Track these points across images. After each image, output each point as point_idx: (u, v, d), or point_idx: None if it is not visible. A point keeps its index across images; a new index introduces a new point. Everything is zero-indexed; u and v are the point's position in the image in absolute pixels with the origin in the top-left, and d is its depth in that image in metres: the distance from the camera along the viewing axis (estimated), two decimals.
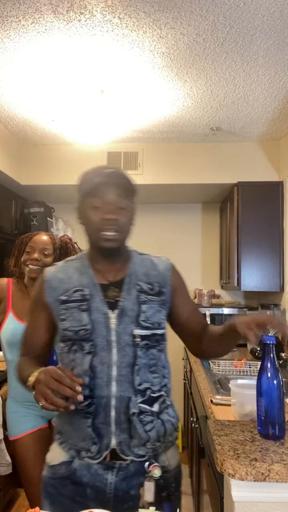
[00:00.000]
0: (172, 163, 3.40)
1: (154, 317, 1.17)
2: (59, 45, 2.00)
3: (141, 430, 1.11)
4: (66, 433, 1.16)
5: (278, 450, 1.15)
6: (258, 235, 3.25)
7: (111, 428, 1.10)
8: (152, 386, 1.15)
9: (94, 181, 1.16)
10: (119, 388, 1.11)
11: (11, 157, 3.24)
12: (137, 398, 1.12)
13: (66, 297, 1.17)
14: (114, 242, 1.15)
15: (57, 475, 1.15)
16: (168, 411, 1.19)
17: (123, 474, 1.11)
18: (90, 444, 1.11)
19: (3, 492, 2.36)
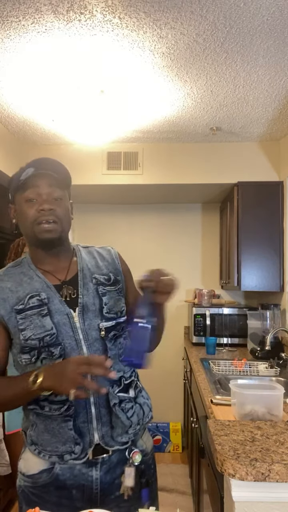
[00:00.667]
0: (172, 163, 3.40)
1: (116, 306, 1.18)
2: (59, 45, 2.00)
3: (124, 418, 1.13)
4: (43, 442, 1.12)
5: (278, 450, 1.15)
6: (258, 235, 3.25)
7: (93, 425, 1.11)
8: (124, 373, 1.17)
9: (26, 172, 1.10)
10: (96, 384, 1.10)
11: (11, 157, 3.24)
12: (114, 389, 1.14)
13: (22, 305, 1.11)
14: (54, 232, 1.11)
15: (39, 483, 1.12)
16: (142, 394, 1.23)
17: (106, 467, 1.13)
18: (73, 445, 1.09)
19: (3, 492, 2.36)
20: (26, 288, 1.13)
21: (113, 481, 1.14)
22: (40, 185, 1.10)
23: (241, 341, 3.46)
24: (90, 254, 1.27)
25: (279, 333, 2.90)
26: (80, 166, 3.42)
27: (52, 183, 1.11)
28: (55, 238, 1.12)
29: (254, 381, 2.07)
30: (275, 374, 2.41)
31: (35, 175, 1.10)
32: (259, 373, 2.44)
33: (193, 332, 3.51)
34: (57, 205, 1.11)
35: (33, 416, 1.15)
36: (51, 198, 1.11)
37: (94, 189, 3.57)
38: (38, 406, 1.12)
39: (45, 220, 1.09)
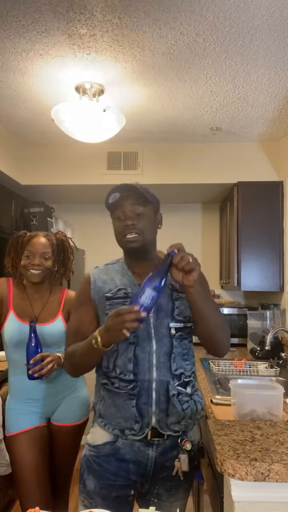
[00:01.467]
0: (172, 163, 3.40)
1: (185, 311, 1.35)
2: (59, 45, 2.00)
3: (179, 408, 1.30)
4: (110, 416, 1.33)
5: (278, 450, 1.15)
6: (258, 235, 3.25)
7: (152, 408, 1.29)
8: (185, 371, 1.34)
9: (113, 197, 1.37)
10: (159, 373, 1.30)
11: (11, 157, 3.24)
12: (174, 382, 1.31)
13: (112, 294, 1.36)
14: (136, 242, 1.33)
15: (102, 453, 1.34)
16: (198, 393, 1.40)
17: (161, 449, 1.32)
18: (133, 423, 1.29)
19: (3, 492, 2.36)
20: (117, 282, 1.38)
21: (165, 462, 1.33)
22: (124, 205, 1.35)
23: (241, 341, 3.46)
24: None
25: (279, 333, 2.90)
26: (80, 166, 3.42)
27: (134, 202, 1.34)
28: (138, 248, 1.34)
29: (254, 381, 2.07)
30: (275, 374, 2.41)
31: (120, 197, 1.36)
32: (259, 373, 2.44)
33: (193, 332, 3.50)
34: (137, 220, 1.33)
35: (103, 391, 1.36)
36: (133, 215, 1.33)
37: (94, 189, 3.57)
38: (109, 381, 1.34)
39: (128, 232, 1.33)
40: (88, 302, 1.39)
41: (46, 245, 1.83)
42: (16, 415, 1.80)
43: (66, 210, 4.12)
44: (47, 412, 1.84)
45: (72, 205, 4.16)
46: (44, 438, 1.80)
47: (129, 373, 1.30)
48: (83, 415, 1.90)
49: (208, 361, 2.64)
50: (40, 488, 1.71)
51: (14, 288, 1.88)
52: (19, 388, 1.83)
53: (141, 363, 1.30)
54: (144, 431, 1.29)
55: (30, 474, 1.71)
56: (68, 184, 3.45)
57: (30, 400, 1.82)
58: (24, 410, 1.80)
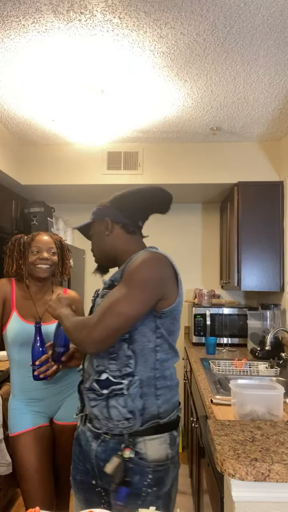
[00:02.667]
0: (172, 163, 3.40)
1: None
2: (59, 45, 2.00)
3: (87, 403, 1.33)
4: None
5: (278, 450, 1.15)
6: (258, 235, 3.25)
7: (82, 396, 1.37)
8: (108, 371, 1.27)
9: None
10: (87, 365, 1.35)
11: (11, 157, 3.24)
12: (94, 377, 1.30)
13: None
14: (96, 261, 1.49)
15: (74, 436, 1.44)
16: (119, 399, 1.25)
17: (103, 446, 1.29)
18: (79, 403, 1.39)
19: (3, 492, 2.36)
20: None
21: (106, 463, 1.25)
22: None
23: (241, 341, 3.46)
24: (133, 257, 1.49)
25: (279, 333, 2.90)
26: (80, 166, 3.42)
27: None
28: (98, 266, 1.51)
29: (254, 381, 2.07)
30: (275, 374, 2.41)
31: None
32: (259, 373, 2.44)
33: (193, 332, 3.51)
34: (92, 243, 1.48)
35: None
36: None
37: (94, 189, 3.57)
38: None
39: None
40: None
41: (51, 241, 1.89)
42: (19, 415, 1.81)
43: (66, 210, 4.12)
44: (49, 411, 1.84)
45: (72, 205, 4.16)
46: (47, 437, 1.81)
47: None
48: None
49: (208, 361, 2.64)
50: (44, 487, 1.71)
51: (17, 288, 1.88)
52: (22, 389, 1.83)
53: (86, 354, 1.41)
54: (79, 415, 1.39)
55: (34, 474, 1.71)
56: (68, 184, 3.45)
57: (33, 400, 1.82)
58: (27, 410, 1.81)
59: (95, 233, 1.45)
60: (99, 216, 1.44)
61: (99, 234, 1.43)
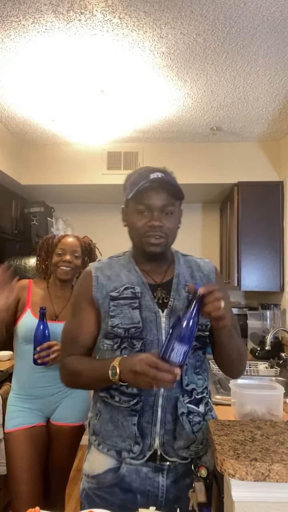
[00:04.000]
0: (172, 163, 3.37)
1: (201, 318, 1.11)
2: (59, 45, 2.00)
3: (189, 429, 1.10)
4: (105, 433, 1.14)
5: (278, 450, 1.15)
6: (258, 235, 3.25)
7: (156, 428, 1.10)
8: (197, 387, 1.15)
9: (140, 185, 1.12)
10: (167, 388, 1.09)
11: (11, 157, 3.24)
12: (184, 398, 1.11)
13: (117, 293, 1.15)
14: (160, 247, 1.15)
15: (104, 484, 1.12)
16: (212, 413, 1.20)
17: (173, 475, 1.11)
18: (133, 444, 1.09)
19: (3, 492, 2.36)
20: (124, 280, 1.18)
21: (178, 492, 1.11)
22: (153, 201, 1.12)
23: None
24: (187, 263, 1.28)
25: (279, 333, 2.90)
26: (80, 166, 3.42)
27: (164, 199, 1.13)
28: (160, 252, 1.16)
29: (254, 381, 2.07)
30: (275, 374, 2.41)
31: (150, 190, 1.12)
32: (259, 373, 2.44)
33: None
34: (166, 220, 1.14)
35: (101, 405, 1.17)
36: (162, 214, 1.13)
37: (94, 189, 3.57)
38: (109, 394, 1.14)
39: (153, 235, 1.13)
40: (90, 303, 1.18)
41: (76, 244, 1.90)
42: (15, 412, 1.82)
43: (66, 210, 4.12)
44: (47, 411, 1.84)
45: (72, 205, 4.16)
46: (41, 438, 1.80)
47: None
48: (83, 417, 1.89)
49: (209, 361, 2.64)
50: (31, 488, 1.70)
51: (35, 288, 1.92)
52: (22, 384, 1.85)
53: None
54: (145, 455, 1.09)
55: (23, 473, 1.70)
56: (68, 184, 3.45)
57: (30, 396, 1.82)
58: (23, 406, 1.81)
59: (177, 214, 1.20)
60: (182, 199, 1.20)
61: (178, 221, 1.21)
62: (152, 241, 1.13)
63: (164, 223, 1.13)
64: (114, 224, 4.57)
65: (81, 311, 1.20)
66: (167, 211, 1.14)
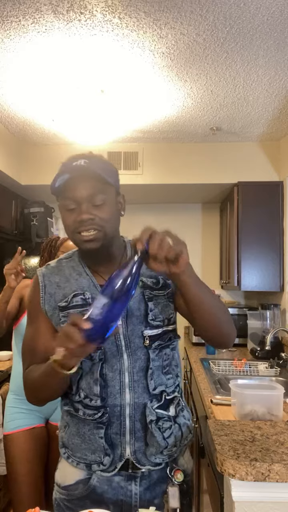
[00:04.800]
0: (172, 163, 3.40)
1: (163, 313, 1.08)
2: (59, 45, 2.00)
3: (159, 438, 1.04)
4: (73, 446, 1.08)
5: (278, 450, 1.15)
6: (258, 235, 3.25)
7: (125, 438, 1.04)
8: (166, 388, 1.08)
9: (63, 178, 0.99)
10: (133, 395, 1.04)
11: (11, 157, 3.24)
12: (153, 404, 1.05)
13: (66, 303, 1.05)
14: (96, 242, 1.00)
15: (74, 496, 1.07)
16: (184, 413, 1.13)
17: (146, 482, 1.06)
18: (103, 456, 1.03)
19: (3, 492, 2.36)
20: (73, 285, 1.07)
21: (153, 500, 1.06)
22: (77, 193, 0.99)
23: (241, 341, 3.45)
24: None
25: (279, 333, 2.90)
26: None
27: (91, 188, 0.99)
28: (98, 248, 1.02)
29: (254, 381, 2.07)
30: (275, 374, 2.41)
31: (72, 181, 0.99)
32: (259, 373, 2.44)
33: (193, 332, 3.51)
34: (98, 211, 1.00)
35: (67, 417, 1.11)
36: (90, 206, 0.99)
37: None
38: (73, 408, 1.08)
39: (84, 229, 0.99)
40: (40, 312, 1.09)
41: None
42: (15, 413, 1.82)
43: None
44: (46, 412, 1.84)
45: None
46: (40, 439, 1.80)
47: (96, 397, 1.03)
48: None
49: (208, 361, 2.64)
50: (32, 490, 1.70)
51: None
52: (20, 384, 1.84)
53: (110, 385, 1.03)
54: (116, 466, 1.03)
55: (24, 475, 1.71)
56: None
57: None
58: (23, 408, 1.81)
59: (112, 202, 1.04)
60: (117, 185, 1.06)
61: (116, 208, 1.05)
62: (85, 237, 0.99)
63: (96, 214, 0.99)
64: None
65: (37, 320, 1.10)
66: (96, 201, 0.99)
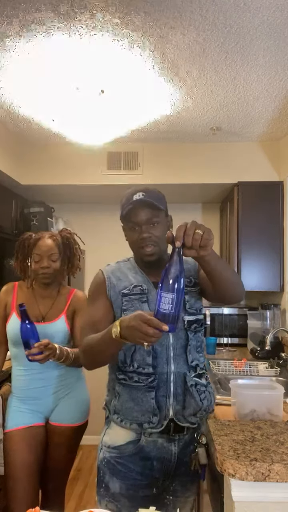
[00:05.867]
0: (172, 163, 3.40)
1: (196, 304, 1.43)
2: (59, 45, 2.00)
3: (198, 398, 1.34)
4: (126, 411, 1.35)
5: (278, 450, 1.15)
6: (258, 235, 3.25)
7: (170, 400, 1.32)
8: (199, 363, 1.40)
9: (126, 207, 1.35)
10: (176, 365, 1.34)
11: (11, 157, 3.24)
12: (191, 373, 1.36)
13: (128, 291, 1.38)
14: (154, 256, 1.36)
15: (125, 453, 1.36)
16: (210, 385, 1.45)
17: (182, 444, 1.37)
18: (151, 416, 1.32)
19: (3, 492, 2.36)
20: (132, 279, 1.41)
21: (184, 457, 1.37)
22: (138, 218, 1.35)
23: (241, 341, 3.46)
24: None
25: (279, 333, 2.90)
26: (80, 166, 3.42)
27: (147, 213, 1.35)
28: (156, 260, 1.37)
29: (254, 381, 2.07)
30: (275, 374, 2.41)
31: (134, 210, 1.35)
32: (259, 373, 2.44)
33: None
34: (153, 230, 1.35)
35: (119, 387, 1.38)
36: (148, 226, 1.35)
37: (94, 189, 3.57)
38: (127, 376, 1.36)
39: (145, 245, 1.35)
40: (104, 296, 1.40)
41: (52, 246, 1.86)
42: (15, 412, 1.82)
43: (66, 210, 4.11)
44: (46, 411, 1.84)
45: (72, 205, 4.16)
46: (39, 438, 1.80)
47: (148, 366, 1.33)
48: (81, 418, 1.88)
49: (208, 361, 2.64)
50: (26, 486, 1.70)
51: (19, 291, 1.92)
52: (19, 386, 1.85)
53: (159, 356, 1.33)
54: (162, 424, 1.32)
55: (19, 472, 1.70)
56: (68, 184, 3.45)
57: (29, 398, 1.83)
58: (23, 408, 1.82)
59: (163, 223, 1.41)
60: (166, 209, 1.44)
61: (165, 227, 1.41)
62: (146, 252, 1.35)
63: (152, 233, 1.35)
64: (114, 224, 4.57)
65: (97, 301, 1.41)
66: (152, 222, 1.35)
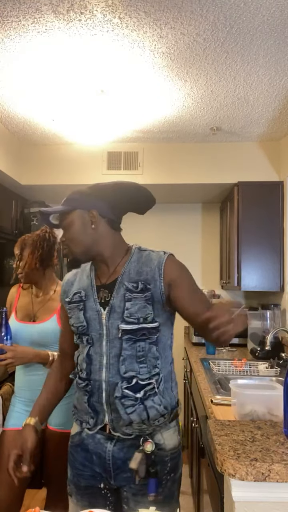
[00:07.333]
0: (172, 163, 3.40)
1: (139, 312, 1.27)
2: (59, 45, 2.00)
3: (122, 411, 1.27)
4: (76, 407, 1.40)
5: (278, 450, 1.15)
6: (258, 235, 3.25)
7: (103, 407, 1.31)
8: (138, 374, 1.28)
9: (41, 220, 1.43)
10: (108, 374, 1.29)
11: (11, 157, 3.24)
12: (122, 384, 1.27)
13: (69, 299, 1.38)
14: (69, 256, 1.36)
15: (74, 443, 1.41)
16: (155, 398, 1.29)
17: (120, 444, 1.31)
18: (89, 418, 1.34)
19: None
20: (77, 285, 1.40)
21: (126, 461, 1.29)
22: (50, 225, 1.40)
23: (241, 341, 3.45)
24: (140, 258, 1.36)
25: (279, 333, 2.90)
26: (80, 166, 3.42)
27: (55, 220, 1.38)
28: (74, 259, 1.36)
29: (254, 381, 2.07)
30: (275, 374, 2.41)
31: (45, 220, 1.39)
32: (259, 373, 2.44)
33: (193, 332, 3.51)
34: (66, 233, 1.35)
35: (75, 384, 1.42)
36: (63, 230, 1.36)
37: None
38: (74, 376, 1.41)
39: (62, 249, 1.39)
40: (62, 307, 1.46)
41: (16, 247, 1.89)
42: (14, 412, 1.84)
43: None
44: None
45: None
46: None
47: (83, 371, 1.34)
48: None
49: (208, 361, 2.64)
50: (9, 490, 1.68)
51: (22, 292, 1.94)
52: (20, 387, 1.87)
53: (93, 363, 1.32)
54: (96, 427, 1.33)
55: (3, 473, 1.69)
56: (68, 184, 3.45)
57: (30, 401, 1.82)
58: (23, 409, 1.82)
59: (74, 223, 1.32)
60: (82, 204, 1.33)
61: (82, 226, 1.32)
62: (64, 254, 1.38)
63: (64, 236, 1.35)
64: None
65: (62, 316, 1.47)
66: (63, 226, 1.35)
